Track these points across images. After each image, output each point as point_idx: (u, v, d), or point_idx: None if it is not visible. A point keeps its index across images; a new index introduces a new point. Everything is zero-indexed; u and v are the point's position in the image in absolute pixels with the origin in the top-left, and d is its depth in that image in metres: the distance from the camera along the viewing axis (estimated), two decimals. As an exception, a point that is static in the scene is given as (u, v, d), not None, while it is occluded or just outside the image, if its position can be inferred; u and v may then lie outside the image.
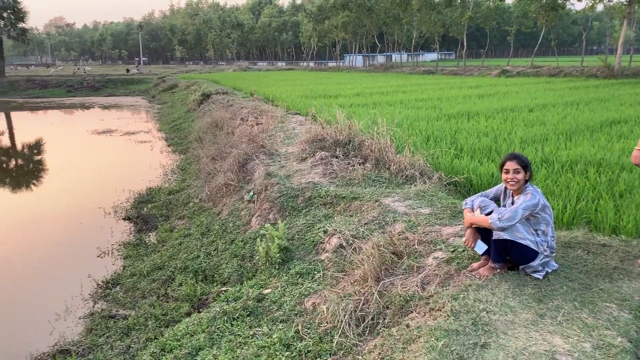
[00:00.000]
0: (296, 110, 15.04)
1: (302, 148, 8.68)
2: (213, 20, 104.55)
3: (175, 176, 12.68)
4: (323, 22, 67.11)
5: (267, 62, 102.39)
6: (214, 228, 7.56)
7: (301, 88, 23.91)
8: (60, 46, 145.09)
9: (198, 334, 4.46)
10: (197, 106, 23.24)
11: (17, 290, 7.03)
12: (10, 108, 35.17)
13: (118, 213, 9.94)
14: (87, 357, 4.80)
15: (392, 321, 3.83)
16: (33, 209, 11.14)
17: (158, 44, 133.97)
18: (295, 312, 4.49)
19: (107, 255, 7.86)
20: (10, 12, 47.50)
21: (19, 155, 18.78)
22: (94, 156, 17.15)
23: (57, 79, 48.99)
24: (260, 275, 5.49)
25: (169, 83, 41.73)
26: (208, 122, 16.12)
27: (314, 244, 5.58)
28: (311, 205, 6.51)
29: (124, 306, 5.91)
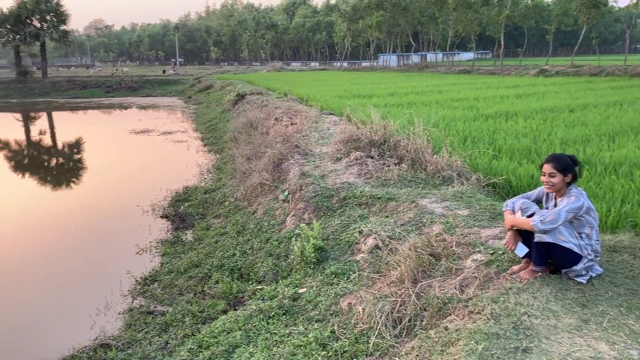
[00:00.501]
0: (330, 110, 15.05)
1: (337, 148, 8.67)
2: (248, 21, 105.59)
3: (211, 175, 12.85)
4: (357, 21, 66.96)
5: (300, 63, 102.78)
6: (249, 227, 7.63)
7: (335, 88, 23.92)
8: (100, 47, 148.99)
9: (234, 332, 4.51)
10: (232, 106, 23.50)
11: (60, 285, 7.25)
12: (52, 108, 36.30)
13: (156, 211, 10.13)
14: (127, 351, 4.91)
15: (429, 323, 3.79)
16: (74, 207, 11.47)
17: (194, 45, 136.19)
18: (330, 312, 4.49)
19: (145, 252, 8.02)
20: (52, 15, 48.98)
21: (60, 154, 19.37)
22: (133, 155, 17.54)
23: (96, 80, 50.31)
24: (295, 274, 5.51)
25: (204, 84, 42.32)
26: (243, 122, 16.29)
27: (349, 244, 5.57)
28: (346, 205, 6.50)
29: (162, 302, 6.02)
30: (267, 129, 13.46)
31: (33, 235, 9.42)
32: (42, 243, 9.04)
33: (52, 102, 39.62)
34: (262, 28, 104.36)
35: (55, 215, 10.74)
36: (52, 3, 48.28)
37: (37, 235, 9.44)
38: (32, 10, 47.58)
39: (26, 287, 7.19)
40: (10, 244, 9.01)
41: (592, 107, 13.64)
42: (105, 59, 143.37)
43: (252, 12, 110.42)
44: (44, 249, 8.74)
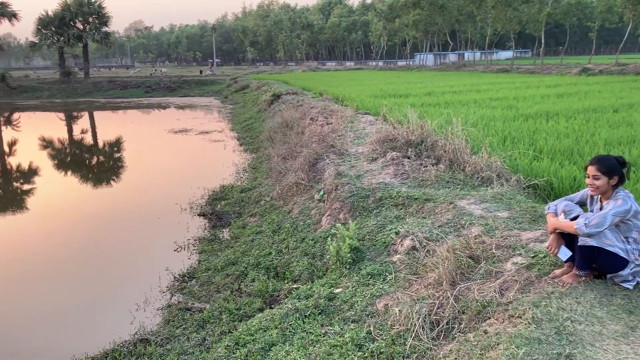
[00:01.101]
0: (366, 110, 14.99)
1: (373, 148, 8.63)
2: (284, 21, 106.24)
3: (247, 174, 12.99)
4: (393, 20, 66.56)
5: (335, 62, 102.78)
6: (284, 226, 7.67)
7: (370, 87, 23.82)
8: (139, 48, 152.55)
9: (271, 330, 4.54)
10: (267, 106, 23.69)
11: (102, 280, 7.45)
12: (93, 108, 37.36)
13: (193, 209, 10.29)
14: (165, 347, 5.00)
15: (468, 326, 3.73)
16: (115, 204, 11.77)
17: (230, 45, 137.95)
18: (366, 312, 4.47)
19: (183, 249, 8.16)
20: (94, 16, 50.37)
21: (101, 153, 19.91)
22: (171, 154, 17.88)
23: (136, 80, 51.51)
24: (330, 274, 5.51)
25: (240, 84, 42.79)
26: (278, 121, 16.40)
27: (385, 245, 5.53)
28: (382, 206, 6.46)
29: (199, 299, 6.12)
30: (302, 129, 13.51)
31: (76, 232, 9.71)
32: (85, 239, 9.30)
33: (94, 102, 40.77)
34: (297, 28, 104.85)
35: (96, 212, 11.04)
36: (95, 5, 49.65)
37: (80, 231, 9.73)
38: (76, 12, 49.05)
39: (69, 282, 7.42)
40: (54, 240, 9.32)
41: (638, 107, 13.17)
42: (144, 60, 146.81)
43: (288, 12, 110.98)
44: (87, 245, 9.00)
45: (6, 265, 8.11)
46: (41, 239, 9.38)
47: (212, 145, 18.56)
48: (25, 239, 9.38)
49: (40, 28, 49.50)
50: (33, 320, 6.27)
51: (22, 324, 6.21)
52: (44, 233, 9.68)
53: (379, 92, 20.48)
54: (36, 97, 43.86)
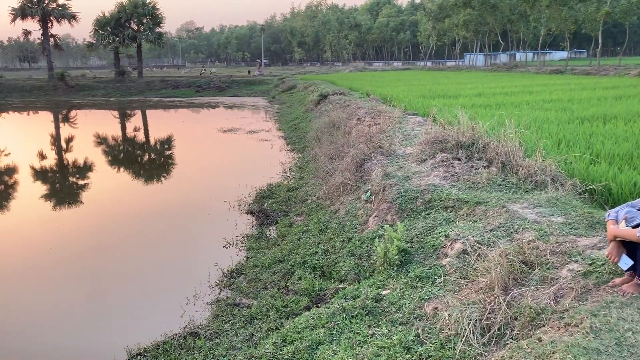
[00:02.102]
0: (414, 110, 14.83)
1: (422, 149, 8.53)
2: (331, 21, 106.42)
3: (294, 174, 13.08)
4: (443, 20, 65.58)
5: (383, 62, 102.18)
6: (331, 226, 7.68)
7: (418, 88, 23.56)
8: (190, 49, 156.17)
9: (318, 329, 4.56)
10: (314, 106, 23.79)
11: (153, 274, 7.67)
12: (146, 106, 38.50)
13: (241, 207, 10.46)
14: (214, 341, 5.10)
15: (520, 333, 3.63)
16: (166, 200, 12.09)
17: (278, 46, 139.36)
18: (415, 315, 4.42)
19: (231, 246, 8.31)
20: (148, 17, 51.93)
21: (153, 150, 20.50)
22: (220, 153, 18.23)
23: (187, 80, 52.76)
24: (377, 275, 5.48)
25: (287, 84, 43.16)
26: (325, 122, 16.43)
27: (434, 248, 5.46)
28: (431, 208, 6.37)
29: (247, 295, 6.20)
30: (349, 129, 13.50)
31: (129, 226, 10.03)
32: (137, 233, 9.60)
33: (147, 101, 42.01)
34: (345, 28, 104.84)
35: (148, 208, 11.38)
36: (149, 6, 51.17)
37: (133, 226, 10.04)
38: (131, 13, 50.71)
39: (123, 275, 7.67)
40: (108, 234, 9.65)
41: None
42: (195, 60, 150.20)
43: (336, 13, 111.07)
44: (139, 239, 9.29)
45: (63, 258, 8.46)
46: (95, 233, 9.74)
47: (259, 145, 18.80)
48: (80, 234, 9.76)
49: (98, 29, 51.42)
50: (90, 312, 6.52)
51: (79, 314, 6.47)
52: (98, 228, 10.04)
53: (428, 92, 20.23)
54: (92, 96, 45.58)
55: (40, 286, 7.28)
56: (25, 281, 7.49)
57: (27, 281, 7.48)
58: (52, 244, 9.02)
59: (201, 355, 4.80)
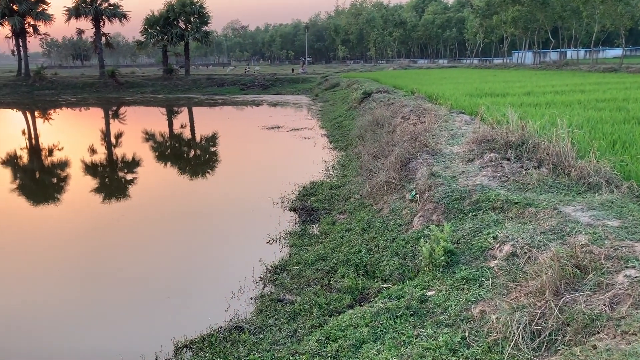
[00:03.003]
0: (460, 109, 14.56)
1: (469, 149, 8.36)
2: (376, 19, 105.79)
3: (336, 172, 13.07)
4: (491, 17, 64.04)
5: (427, 60, 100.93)
6: (374, 225, 7.63)
7: (465, 86, 23.13)
8: (236, 47, 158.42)
9: (361, 327, 4.53)
10: (358, 104, 23.71)
11: (199, 268, 7.82)
12: (192, 104, 39.30)
13: (285, 204, 10.53)
14: (258, 335, 5.15)
15: (573, 340, 3.51)
16: (211, 196, 12.32)
17: (322, 44, 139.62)
18: (461, 317, 4.34)
19: (275, 242, 8.38)
20: (196, 16, 52.94)
21: (198, 147, 20.89)
22: (264, 150, 18.41)
23: (232, 78, 53.55)
24: (422, 276, 5.41)
25: (331, 82, 43.17)
26: (369, 120, 16.35)
27: (481, 249, 5.34)
28: (479, 208, 6.24)
29: (290, 292, 6.24)
30: (393, 127, 13.38)
31: (175, 221, 10.26)
32: (184, 228, 9.80)
33: (193, 98, 42.87)
34: (390, 26, 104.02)
35: (194, 203, 11.61)
36: (196, 5, 52.16)
37: (178, 220, 10.26)
38: (179, 12, 51.82)
39: (169, 268, 7.85)
40: (156, 229, 9.90)
41: None
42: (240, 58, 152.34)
43: (381, 10, 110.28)
44: (186, 234, 9.48)
45: (113, 251, 8.74)
46: (143, 227, 10.01)
47: (302, 142, 18.89)
48: (129, 227, 10.05)
49: (147, 27, 52.80)
50: (138, 304, 6.71)
51: (129, 306, 6.67)
52: (146, 222, 10.32)
53: (474, 90, 19.83)
54: (141, 93, 46.87)
55: (92, 278, 7.54)
56: (77, 272, 7.77)
57: (79, 272, 7.76)
58: (103, 237, 9.32)
59: (245, 349, 4.85)
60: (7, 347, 5.68)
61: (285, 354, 4.53)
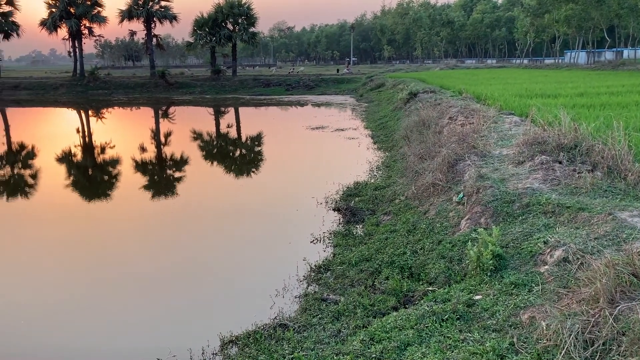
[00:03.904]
0: (510, 110, 14.21)
1: (519, 151, 8.15)
2: (423, 18, 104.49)
3: (381, 172, 13.00)
4: (542, 16, 62.19)
5: (475, 60, 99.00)
6: (420, 227, 7.55)
7: (514, 87, 22.56)
8: (281, 48, 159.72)
9: (406, 330, 4.50)
10: (403, 104, 23.50)
11: (244, 265, 7.94)
12: (239, 104, 39.92)
13: (328, 204, 10.56)
14: (302, 334, 5.19)
15: (629, 350, 3.37)
16: (256, 194, 12.49)
17: (367, 44, 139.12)
18: (509, 323, 4.24)
19: (318, 242, 8.41)
20: (243, 18, 53.75)
21: (244, 146, 21.20)
22: (308, 150, 18.53)
23: (277, 78, 54.07)
24: (469, 280, 5.32)
25: (376, 82, 42.96)
26: (415, 120, 16.18)
27: (531, 254, 5.20)
28: (529, 212, 6.08)
29: (334, 291, 6.25)
30: (440, 128, 13.20)
31: (222, 218, 10.45)
32: (230, 225, 9.98)
33: (240, 99, 43.54)
34: (437, 25, 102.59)
35: (239, 201, 11.80)
36: (244, 7, 52.96)
37: (225, 218, 10.45)
38: (227, 14, 52.75)
39: (214, 265, 8.01)
40: (203, 226, 10.12)
41: None
42: (285, 59, 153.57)
43: (428, 10, 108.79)
44: (231, 231, 9.66)
45: (161, 248, 8.98)
46: (190, 225, 10.24)
47: (346, 143, 18.88)
48: (176, 225, 10.31)
49: (196, 29, 53.99)
50: (186, 299, 6.88)
51: (177, 302, 6.84)
52: (192, 219, 10.56)
53: (524, 91, 19.31)
54: (189, 93, 47.95)
55: (142, 273, 7.78)
56: (127, 267, 8.03)
57: (129, 267, 8.02)
58: (152, 233, 9.59)
59: (290, 346, 4.90)
60: (62, 336, 5.94)
61: (329, 353, 4.54)
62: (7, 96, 46.93)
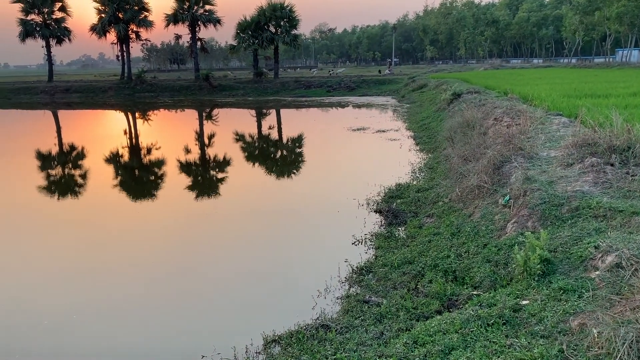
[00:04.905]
0: (558, 110, 13.81)
1: (568, 152, 7.91)
2: (467, 18, 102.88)
3: (423, 174, 12.86)
4: (592, 13, 60.20)
5: (521, 60, 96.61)
6: (464, 230, 7.43)
7: (562, 87, 21.91)
8: (322, 49, 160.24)
9: (450, 334, 4.43)
10: (446, 105, 23.17)
11: (286, 265, 8.00)
12: (280, 105, 40.24)
13: (370, 205, 10.52)
14: (344, 335, 5.18)
15: (688, 362, 3.23)
16: (298, 195, 12.55)
17: (409, 44, 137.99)
18: (558, 329, 4.12)
19: (360, 243, 8.39)
20: (285, 20, 54.14)
21: (285, 147, 21.35)
22: (349, 151, 18.50)
23: (319, 80, 54.21)
24: (516, 284, 5.20)
25: (418, 83, 42.49)
26: (459, 121, 15.92)
27: (581, 259, 5.04)
28: (578, 216, 5.89)
29: (376, 294, 6.22)
30: (485, 129, 12.95)
31: (265, 219, 10.56)
32: (272, 225, 10.08)
33: (281, 100, 43.89)
34: (481, 25, 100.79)
35: (282, 202, 11.90)
36: (286, 9, 53.36)
37: (268, 218, 10.55)
38: (269, 16, 53.26)
39: (258, 264, 8.09)
40: (247, 226, 10.25)
41: None
42: (326, 60, 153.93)
43: (472, 9, 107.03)
44: (274, 231, 9.75)
45: (209, 247, 9.15)
46: (234, 225, 10.40)
47: (388, 144, 18.76)
48: (220, 224, 10.48)
49: (239, 32, 54.75)
50: (230, 298, 6.99)
51: (221, 300, 6.96)
52: (236, 220, 10.71)
53: (573, 91, 18.72)
54: (232, 95, 48.66)
55: (188, 272, 7.95)
56: (172, 266, 8.23)
57: (174, 266, 8.21)
58: (196, 232, 9.79)
59: (332, 347, 4.90)
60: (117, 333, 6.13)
61: (372, 355, 4.52)
62: (59, 99, 48.87)
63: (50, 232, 10.11)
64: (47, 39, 54.23)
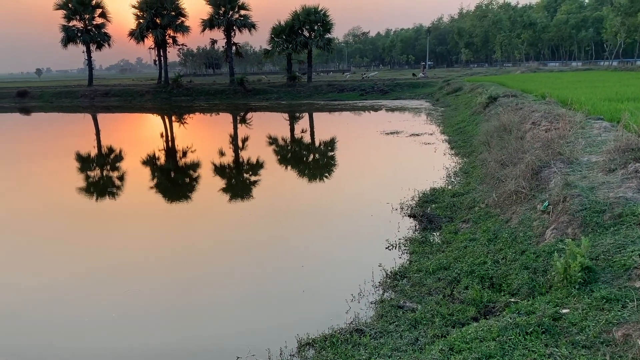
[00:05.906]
0: (598, 115, 13.45)
1: (610, 158, 7.69)
2: (503, 20, 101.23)
3: (459, 179, 12.69)
4: (635, 15, 58.47)
5: (559, 62, 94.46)
6: (502, 236, 7.30)
7: (603, 90, 21.31)
8: (356, 53, 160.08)
9: (487, 341, 4.36)
10: (482, 109, 22.82)
11: (320, 269, 8.01)
12: (313, 109, 40.37)
13: (404, 210, 10.43)
14: (379, 340, 5.16)
15: None
16: (331, 199, 12.55)
17: (444, 47, 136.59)
18: (601, 339, 4.01)
19: (394, 248, 8.33)
20: (319, 24, 54.32)
21: (318, 151, 21.39)
22: (383, 155, 18.40)
23: (351, 84, 54.16)
24: (555, 292, 5.07)
25: (453, 86, 41.99)
26: (495, 125, 15.66)
27: (625, 267, 4.88)
28: (622, 223, 5.71)
29: (411, 299, 6.17)
30: (522, 134, 12.70)
31: (298, 222, 10.60)
32: (306, 228, 10.11)
33: (314, 104, 44.03)
34: (518, 27, 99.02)
35: (315, 205, 11.92)
36: (320, 14, 53.54)
37: (301, 221, 10.60)
38: (303, 21, 53.53)
39: (291, 267, 8.12)
40: (280, 229, 10.30)
41: None
42: (360, 64, 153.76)
43: (508, 11, 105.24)
44: (308, 234, 9.77)
45: (242, 248, 9.24)
46: (267, 227, 10.47)
47: (422, 148, 18.59)
48: (254, 227, 10.56)
49: (273, 37, 55.20)
50: (264, 300, 7.03)
51: (254, 302, 7.01)
52: (269, 222, 10.78)
53: (615, 95, 18.19)
54: (266, 99, 49.10)
55: (223, 274, 8.04)
56: (207, 268, 8.34)
57: (209, 268, 8.33)
58: (229, 235, 9.89)
59: (366, 352, 4.88)
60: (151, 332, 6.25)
61: (406, 361, 4.48)
62: (98, 102, 50.26)
63: (89, 232, 10.38)
64: (87, 44, 55.90)
